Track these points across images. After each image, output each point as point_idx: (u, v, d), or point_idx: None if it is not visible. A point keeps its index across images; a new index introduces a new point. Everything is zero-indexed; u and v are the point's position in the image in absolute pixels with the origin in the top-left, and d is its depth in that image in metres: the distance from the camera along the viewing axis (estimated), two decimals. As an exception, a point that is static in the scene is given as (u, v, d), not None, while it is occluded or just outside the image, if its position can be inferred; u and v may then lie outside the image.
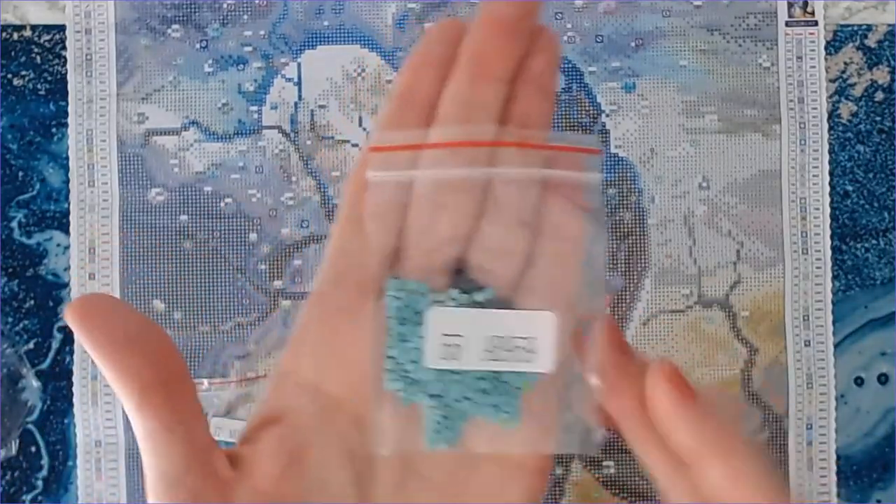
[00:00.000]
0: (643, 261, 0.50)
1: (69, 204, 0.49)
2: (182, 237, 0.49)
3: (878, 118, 0.51)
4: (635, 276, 0.50)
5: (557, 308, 0.21)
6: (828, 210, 0.50)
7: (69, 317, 0.22)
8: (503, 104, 0.22)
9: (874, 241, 0.51)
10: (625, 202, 0.50)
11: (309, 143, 0.50)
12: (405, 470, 0.23)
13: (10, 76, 0.50)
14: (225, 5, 0.50)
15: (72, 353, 0.49)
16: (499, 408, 0.21)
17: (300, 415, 0.22)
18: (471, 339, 0.20)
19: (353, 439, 0.22)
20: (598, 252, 0.22)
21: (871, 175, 0.51)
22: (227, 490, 0.21)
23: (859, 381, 0.50)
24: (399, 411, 0.22)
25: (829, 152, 0.50)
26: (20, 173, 0.49)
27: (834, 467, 0.50)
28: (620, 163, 0.50)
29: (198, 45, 0.50)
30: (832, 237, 0.50)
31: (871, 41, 0.51)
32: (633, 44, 0.51)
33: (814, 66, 0.51)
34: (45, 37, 0.50)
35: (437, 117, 0.22)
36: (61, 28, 0.50)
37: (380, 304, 0.22)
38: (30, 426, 0.49)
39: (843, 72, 0.51)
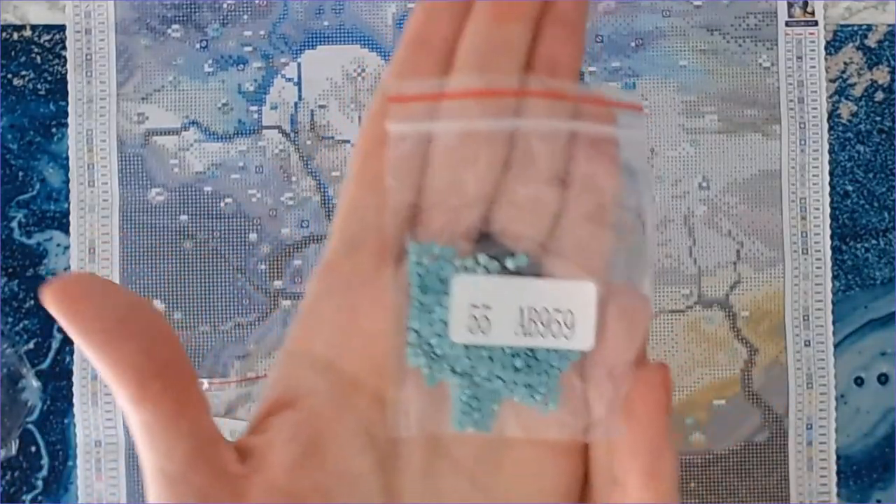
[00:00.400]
0: (643, 261, 0.50)
1: (69, 204, 0.49)
2: (182, 237, 0.49)
3: (878, 118, 0.51)
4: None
5: (589, 275, 0.19)
6: (828, 210, 0.50)
7: (48, 300, 0.19)
8: (529, 47, 0.20)
9: (874, 241, 0.51)
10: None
11: (309, 143, 0.50)
12: (433, 453, 0.21)
13: (10, 76, 0.50)
14: (225, 5, 0.50)
15: (72, 353, 0.49)
16: (534, 388, 0.19)
17: (315, 397, 0.20)
18: (502, 310, 0.18)
19: (375, 422, 0.20)
20: (646, 216, 0.20)
21: (871, 175, 0.51)
22: (237, 486, 0.19)
23: (859, 381, 0.50)
24: (423, 389, 0.20)
25: (829, 152, 0.50)
26: (20, 173, 0.49)
27: (834, 467, 0.50)
28: (620, 163, 0.50)
29: (198, 45, 0.50)
30: (832, 237, 0.50)
31: (871, 41, 0.51)
32: (633, 44, 0.51)
33: (814, 66, 0.51)
34: (45, 37, 0.50)
35: (457, 62, 0.20)
36: (61, 28, 0.50)
37: (400, 271, 0.20)
38: (30, 426, 0.49)
39: (843, 72, 0.51)
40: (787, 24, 0.51)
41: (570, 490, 0.21)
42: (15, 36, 0.50)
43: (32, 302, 0.49)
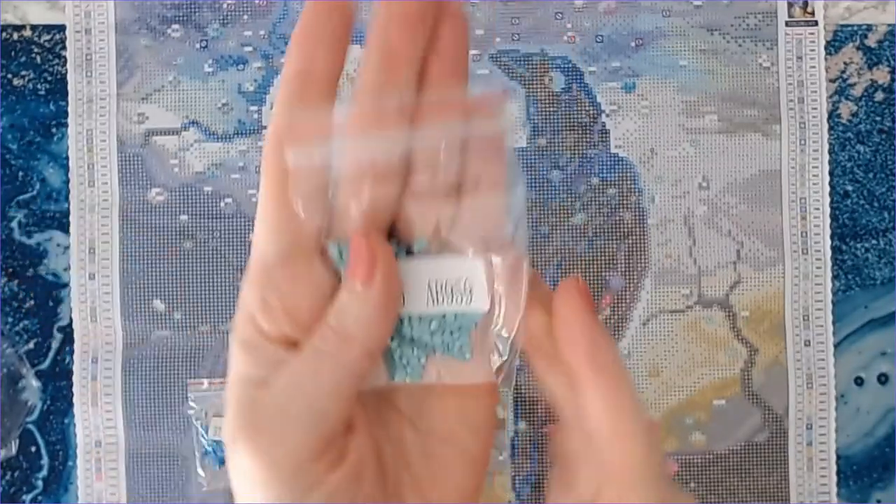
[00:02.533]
0: (643, 261, 0.50)
1: (69, 204, 0.49)
2: (182, 237, 0.49)
3: (878, 118, 0.51)
4: (635, 276, 0.50)
5: (488, 249, 0.22)
6: (828, 210, 0.50)
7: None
8: (417, 83, 0.23)
9: (874, 241, 0.51)
10: (625, 202, 0.50)
11: (309, 143, 0.50)
12: (381, 406, 0.24)
13: (10, 76, 0.50)
14: (225, 5, 0.50)
15: (72, 353, 0.49)
16: (449, 345, 0.23)
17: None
18: (413, 285, 0.21)
19: None
20: (519, 192, 0.23)
21: (871, 175, 0.51)
22: None
23: (859, 381, 0.50)
24: None
25: (829, 152, 0.50)
26: (20, 173, 0.49)
27: (834, 467, 0.50)
28: (620, 163, 0.50)
29: (198, 45, 0.50)
30: (832, 237, 0.50)
31: (871, 41, 0.51)
32: (633, 44, 0.51)
33: (814, 66, 0.51)
34: (45, 37, 0.50)
35: (356, 96, 0.22)
36: (61, 28, 0.50)
37: (327, 262, 0.23)
38: (30, 426, 0.49)
39: (843, 72, 0.51)
40: (787, 24, 0.51)
41: (490, 419, 0.24)
42: (15, 36, 0.50)
43: (32, 302, 0.49)
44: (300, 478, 0.21)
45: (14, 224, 0.49)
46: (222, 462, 0.49)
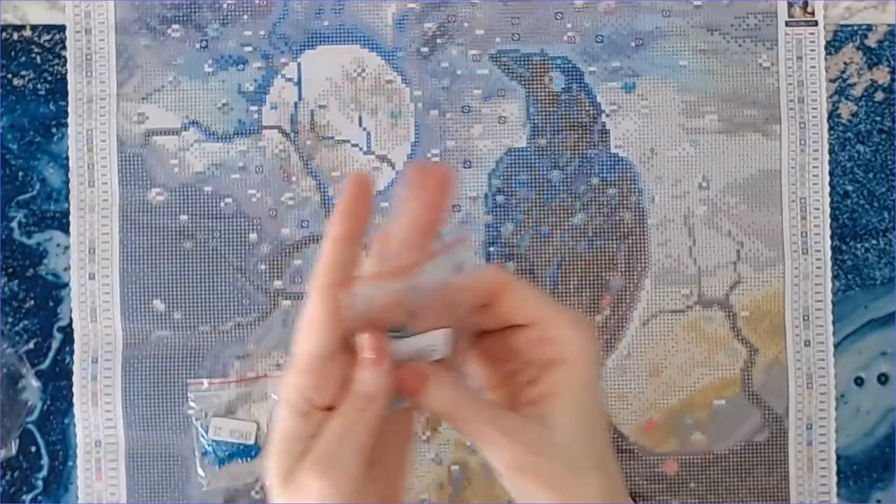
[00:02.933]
0: (643, 261, 0.50)
1: (69, 204, 0.49)
2: (182, 237, 0.49)
3: (878, 118, 0.51)
4: (635, 276, 0.50)
5: (447, 323, 0.33)
6: (828, 210, 0.50)
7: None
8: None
9: (874, 241, 0.51)
10: (625, 202, 0.50)
11: (309, 143, 0.50)
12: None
13: (10, 76, 0.50)
14: (225, 5, 0.50)
15: (72, 353, 0.49)
16: None
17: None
18: (407, 352, 0.32)
19: None
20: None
21: (871, 175, 0.51)
22: None
23: (859, 381, 0.50)
24: None
25: (829, 152, 0.50)
26: (20, 173, 0.49)
27: (834, 467, 0.50)
28: (620, 163, 0.50)
29: (198, 45, 0.50)
30: (832, 237, 0.50)
31: (871, 41, 0.51)
32: (633, 44, 0.51)
33: (814, 66, 0.51)
34: (45, 37, 0.50)
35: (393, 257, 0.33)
36: (61, 28, 0.50)
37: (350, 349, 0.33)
38: (30, 426, 0.49)
39: (843, 72, 0.51)
40: (787, 24, 0.51)
41: (412, 418, 0.35)
42: (15, 36, 0.50)
43: (32, 302, 0.49)
44: (357, 493, 0.31)
45: (14, 224, 0.49)
46: (222, 462, 0.49)
